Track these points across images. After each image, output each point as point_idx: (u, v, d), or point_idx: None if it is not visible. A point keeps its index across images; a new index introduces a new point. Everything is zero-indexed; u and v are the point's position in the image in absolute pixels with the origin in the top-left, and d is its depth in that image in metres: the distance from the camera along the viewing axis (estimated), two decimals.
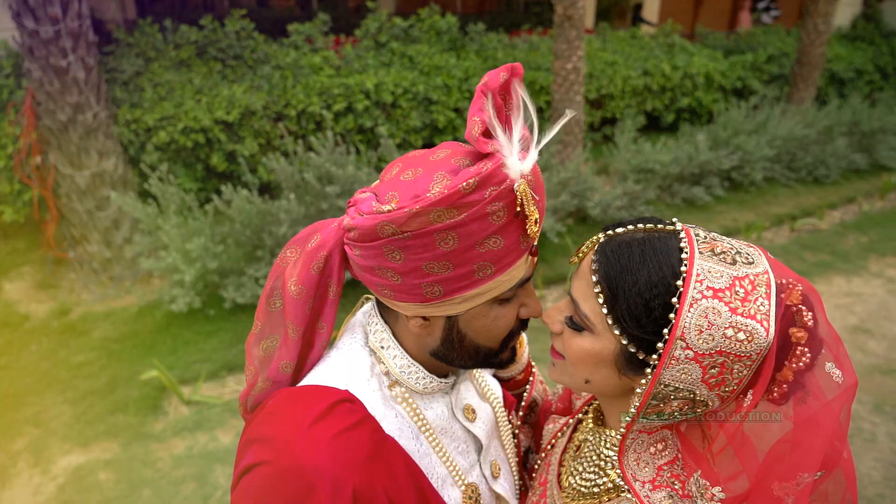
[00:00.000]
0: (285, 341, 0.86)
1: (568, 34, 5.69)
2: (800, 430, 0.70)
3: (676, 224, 0.77)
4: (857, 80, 9.17)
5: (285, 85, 5.47)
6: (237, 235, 3.93)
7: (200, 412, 3.35)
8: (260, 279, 3.93)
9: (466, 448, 0.95)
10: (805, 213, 6.07)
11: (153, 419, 3.31)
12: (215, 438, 3.17)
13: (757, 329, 0.67)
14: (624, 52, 7.84)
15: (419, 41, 6.82)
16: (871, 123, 7.06)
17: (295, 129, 5.40)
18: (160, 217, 3.79)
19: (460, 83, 6.28)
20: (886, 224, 5.97)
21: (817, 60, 7.60)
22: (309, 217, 4.08)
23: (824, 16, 7.39)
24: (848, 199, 6.47)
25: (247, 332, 3.90)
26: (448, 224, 0.70)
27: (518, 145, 0.72)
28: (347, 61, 6.06)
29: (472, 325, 0.81)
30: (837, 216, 6.16)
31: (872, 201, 6.52)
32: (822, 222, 5.95)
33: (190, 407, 3.40)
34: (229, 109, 5.00)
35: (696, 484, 0.75)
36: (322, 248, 0.80)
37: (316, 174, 3.99)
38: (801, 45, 7.65)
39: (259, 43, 5.83)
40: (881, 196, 6.54)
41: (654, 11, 13.73)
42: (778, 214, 5.99)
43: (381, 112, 5.79)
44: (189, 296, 3.78)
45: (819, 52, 7.56)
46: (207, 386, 3.55)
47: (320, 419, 0.76)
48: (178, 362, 3.68)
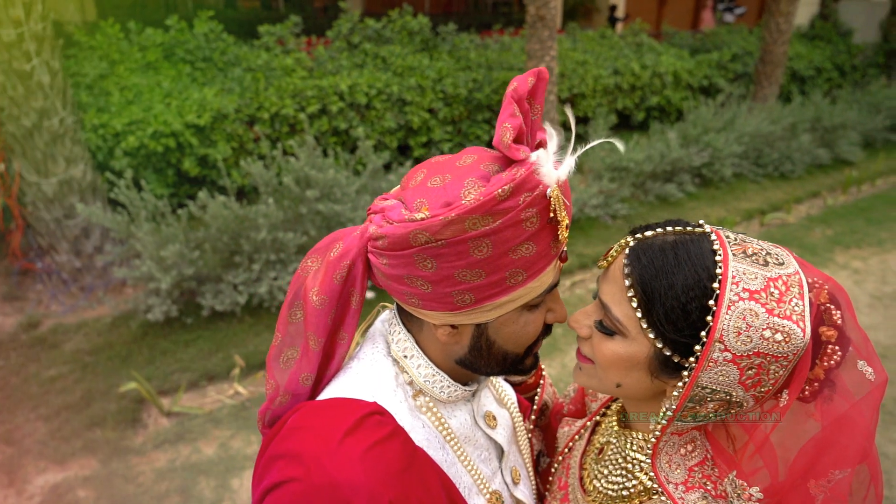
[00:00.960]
0: (305, 353, 0.84)
1: (540, 34, 5.73)
2: (835, 428, 0.70)
3: (705, 226, 0.77)
4: (817, 77, 9.46)
5: (257, 87, 5.38)
6: (214, 241, 3.84)
7: (181, 424, 3.27)
8: (238, 285, 3.85)
9: (489, 455, 0.94)
10: (773, 208, 6.23)
11: (132, 433, 3.21)
12: (198, 450, 3.09)
13: (794, 329, 0.68)
14: (594, 52, 7.94)
15: (392, 42, 6.79)
16: (832, 119, 7.29)
17: (269, 133, 5.31)
18: (132, 225, 3.68)
19: (434, 84, 6.28)
20: (849, 217, 6.16)
21: (780, 59, 7.81)
22: (288, 221, 4.02)
23: (786, 15, 7.60)
24: (813, 193, 6.66)
25: (226, 340, 3.83)
26: (483, 231, 0.69)
27: (554, 153, 0.72)
28: (320, 63, 6.00)
29: (502, 332, 0.80)
30: (804, 210, 6.34)
31: (836, 195, 6.73)
32: (790, 216, 6.12)
33: (170, 419, 3.31)
34: (200, 113, 4.89)
35: (731, 485, 0.75)
36: (345, 257, 0.78)
37: (295, 178, 3.93)
38: (764, 44, 7.85)
39: (229, 44, 5.72)
40: (843, 190, 6.75)
41: (620, 11, 13.94)
42: (747, 209, 6.13)
43: (356, 114, 5.74)
44: (165, 304, 3.69)
45: (781, 51, 7.77)
46: (188, 396, 3.47)
47: (351, 433, 0.74)
48: (156, 373, 3.59)
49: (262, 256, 3.86)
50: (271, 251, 3.90)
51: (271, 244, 3.89)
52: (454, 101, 6.38)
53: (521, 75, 0.75)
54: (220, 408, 3.38)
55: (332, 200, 4.04)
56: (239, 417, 3.31)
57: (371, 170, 4.40)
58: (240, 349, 3.76)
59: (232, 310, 3.91)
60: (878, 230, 5.84)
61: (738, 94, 7.99)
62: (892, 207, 6.43)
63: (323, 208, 3.93)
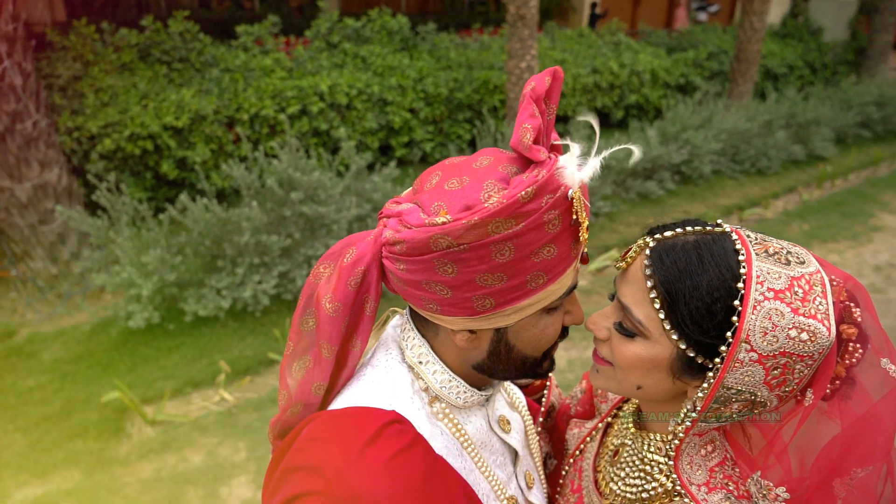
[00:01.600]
0: (318, 362, 0.82)
1: (521, 33, 5.75)
2: (860, 426, 0.70)
3: (724, 225, 0.77)
4: (790, 75, 9.64)
5: (236, 88, 5.30)
6: (195, 245, 3.77)
7: (166, 432, 3.20)
8: (222, 290, 3.79)
9: (504, 460, 0.93)
10: (751, 204, 6.33)
11: (116, 443, 3.14)
12: (185, 459, 3.03)
13: (819, 329, 0.67)
14: (573, 51, 7.98)
15: (371, 41, 6.74)
16: (805, 116, 7.43)
17: (248, 134, 5.24)
18: (112, 230, 3.60)
19: (414, 83, 6.25)
20: (825, 211, 6.29)
21: (754, 57, 7.94)
22: (271, 224, 3.96)
23: (759, 14, 7.72)
24: (789, 188, 6.79)
25: (210, 346, 3.77)
26: (506, 235, 0.67)
27: (577, 155, 0.71)
28: (299, 63, 5.93)
29: (521, 336, 0.79)
30: (781, 205, 6.45)
31: (811, 190, 6.86)
32: (768, 212, 6.22)
33: (155, 427, 3.24)
34: (178, 114, 4.80)
35: (756, 485, 0.75)
36: (359, 263, 0.76)
37: (278, 180, 3.87)
38: (738, 42, 7.96)
39: (206, 45, 5.63)
40: (818, 185, 6.88)
41: (599, 8, 14.05)
42: (726, 205, 6.22)
43: (337, 114, 5.69)
44: (147, 310, 3.61)
45: (755, 49, 7.89)
46: (172, 404, 3.40)
47: (371, 443, 0.72)
48: (139, 381, 3.51)
49: (245, 260, 3.80)
50: (255, 254, 3.84)
51: (255, 247, 3.83)
52: (435, 100, 6.36)
53: (537, 75, 0.73)
54: (205, 415, 3.32)
55: (316, 202, 3.99)
56: (225, 424, 3.25)
57: (355, 171, 4.36)
58: (224, 355, 3.69)
59: (215, 315, 3.85)
60: (853, 224, 5.97)
61: (714, 92, 8.10)
62: (865, 201, 6.57)
63: (307, 210, 3.89)
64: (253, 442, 3.12)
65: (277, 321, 3.96)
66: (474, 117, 6.72)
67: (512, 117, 6.08)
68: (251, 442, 3.12)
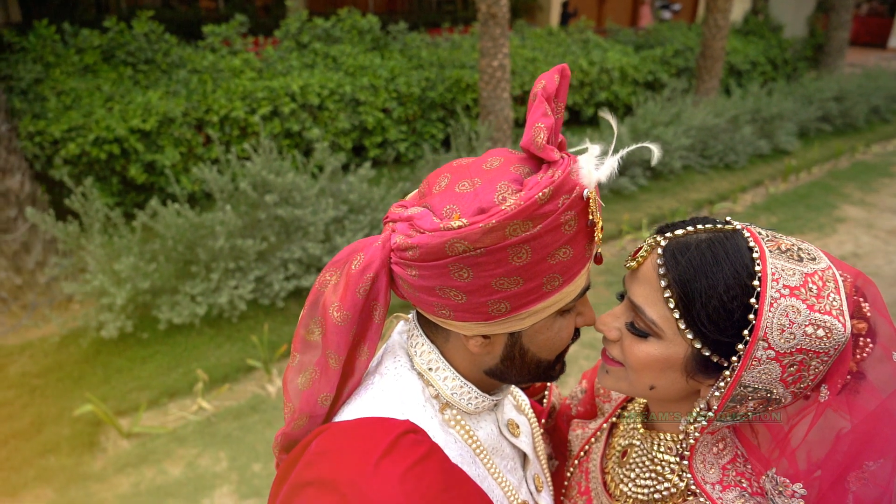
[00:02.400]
0: (325, 372, 0.79)
1: (493, 32, 5.75)
2: (874, 421, 0.71)
3: (733, 222, 0.77)
4: (753, 71, 9.87)
5: (205, 89, 5.19)
6: (168, 251, 3.68)
7: (143, 445, 3.12)
8: (196, 296, 3.70)
9: (514, 465, 0.92)
10: (721, 198, 6.45)
11: (90, 458, 3.04)
12: (164, 471, 2.95)
13: (835, 325, 0.68)
14: (543, 49, 8.04)
15: (341, 41, 6.67)
16: (769, 111, 7.61)
17: (219, 136, 5.13)
18: (83, 236, 3.48)
19: (387, 83, 6.21)
20: (790, 204, 6.45)
21: (719, 54, 8.10)
22: (246, 228, 3.89)
23: (723, 11, 7.88)
24: (756, 182, 6.94)
25: (186, 354, 3.68)
26: (523, 237, 0.66)
27: (594, 154, 0.70)
28: (269, 63, 5.84)
29: (536, 339, 0.78)
30: (749, 199, 6.59)
31: (777, 184, 7.03)
32: (737, 205, 6.35)
33: (131, 440, 3.15)
34: (145, 117, 4.67)
35: (771, 481, 0.75)
36: (368, 270, 0.74)
37: (251, 182, 3.80)
38: (703, 39, 8.12)
39: (172, 45, 5.50)
40: (784, 178, 7.06)
41: (558, 9, 14.17)
42: (697, 200, 6.33)
43: (309, 115, 5.62)
44: (120, 320, 3.50)
45: (720, 46, 8.05)
46: (149, 415, 3.31)
47: (386, 454, 0.70)
48: (113, 393, 3.41)
49: (220, 265, 3.72)
50: (230, 259, 3.77)
51: (230, 252, 3.75)
52: (408, 100, 6.33)
53: (546, 73, 0.72)
54: (184, 425, 3.24)
55: (291, 205, 3.93)
56: (205, 434, 3.18)
57: (329, 172, 4.30)
58: (201, 363, 3.61)
59: (191, 322, 3.76)
60: (818, 216, 6.14)
61: (681, 89, 8.24)
62: (828, 193, 6.76)
63: (282, 213, 3.82)
64: (234, 451, 3.06)
65: (255, 327, 3.89)
66: (447, 116, 6.71)
67: (485, 116, 6.08)
68: (232, 451, 3.06)
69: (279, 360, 3.72)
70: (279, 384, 3.54)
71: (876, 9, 18.01)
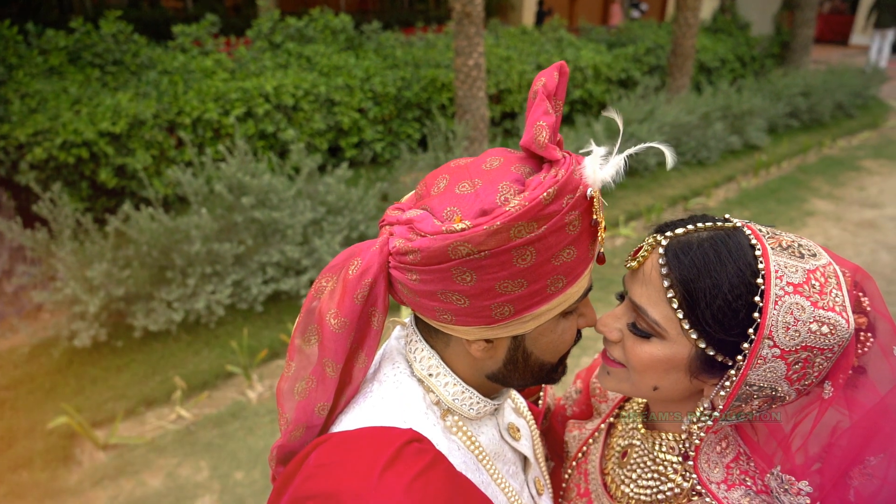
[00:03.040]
0: (322, 381, 0.77)
1: (467, 31, 5.74)
2: (872, 418, 0.71)
3: (734, 220, 0.77)
4: (722, 68, 10.03)
5: (176, 91, 5.08)
6: (142, 257, 3.59)
7: (121, 456, 3.04)
8: (173, 302, 3.62)
9: (516, 469, 0.91)
10: (694, 194, 6.54)
11: (65, 471, 2.95)
12: (143, 483, 2.88)
13: (838, 321, 0.68)
14: (517, 48, 8.05)
15: (315, 41, 6.60)
16: (740, 107, 7.74)
17: (191, 138, 5.03)
18: (53, 243, 3.38)
19: (362, 83, 6.16)
20: (762, 199, 6.57)
21: (689, 51, 8.21)
22: (222, 231, 3.82)
23: (693, 10, 7.99)
24: (728, 177, 7.05)
25: (163, 361, 3.60)
26: (528, 239, 0.65)
27: (599, 153, 0.69)
28: (242, 64, 5.74)
29: (539, 342, 0.76)
30: (722, 194, 6.70)
31: (748, 178, 7.15)
32: (710, 201, 6.45)
33: (108, 452, 3.07)
34: (115, 120, 4.56)
35: (776, 479, 0.75)
36: (366, 275, 0.72)
37: (227, 185, 3.73)
38: (674, 37, 8.22)
39: (141, 46, 5.37)
40: (755, 173, 7.18)
41: (531, 8, 14.24)
42: (672, 196, 6.40)
43: (283, 116, 5.54)
44: (93, 328, 3.41)
45: (690, 44, 8.17)
46: (125, 425, 3.22)
47: (390, 465, 0.68)
48: (87, 403, 3.31)
49: (196, 270, 3.64)
50: (206, 264, 3.69)
51: (206, 256, 3.68)
52: (384, 100, 6.28)
53: (545, 70, 0.71)
54: (162, 435, 3.17)
55: (268, 207, 3.87)
56: (184, 443, 3.11)
57: (306, 173, 4.25)
58: (179, 370, 3.53)
59: (167, 329, 3.67)
60: (788, 209, 6.26)
61: (654, 87, 8.34)
62: (798, 187, 6.91)
63: (259, 216, 3.76)
64: (215, 460, 3.00)
65: (233, 332, 3.82)
66: (423, 116, 6.68)
67: (461, 115, 6.07)
68: (213, 460, 3.00)
69: (259, 366, 3.66)
70: (260, 390, 3.48)
71: (838, 7, 18.47)
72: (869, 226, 5.89)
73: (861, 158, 8.01)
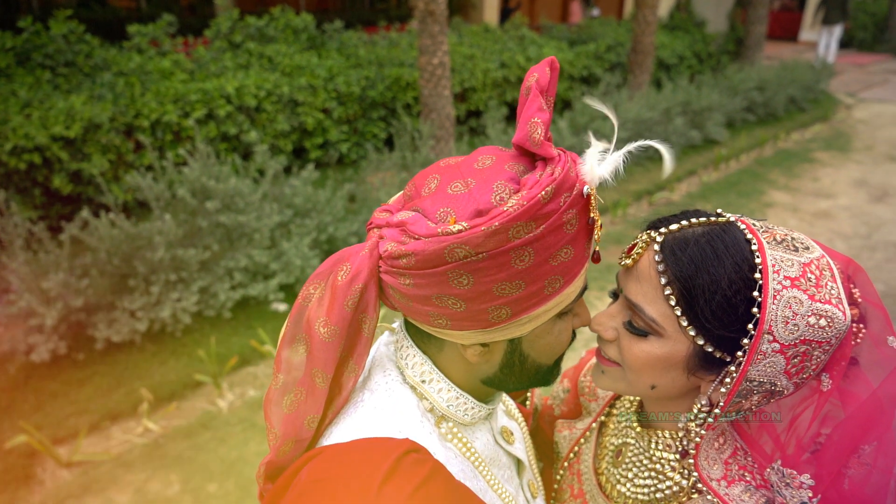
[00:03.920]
0: (311, 393, 0.74)
1: (431, 29, 5.71)
2: (865, 409, 0.71)
3: (726, 214, 0.76)
4: (680, 65, 10.24)
5: (133, 93, 4.92)
6: (102, 265, 3.46)
7: (86, 473, 2.92)
8: (136, 312, 3.50)
9: (510, 474, 0.89)
10: (658, 188, 6.66)
11: (27, 492, 2.82)
12: (110, 500, 2.77)
13: (836, 313, 0.68)
14: (480, 46, 8.06)
15: (276, 40, 6.48)
16: (699, 103, 7.92)
17: (151, 142, 4.88)
18: (4, 254, 3.22)
19: (325, 83, 6.07)
20: (723, 191, 6.73)
21: (649, 48, 8.35)
22: (187, 237, 3.71)
23: (651, 7, 8.13)
24: (690, 171, 7.20)
25: (128, 373, 3.48)
26: (526, 239, 0.63)
27: (597, 150, 0.67)
28: (201, 64, 5.60)
29: (536, 344, 0.75)
30: (684, 188, 6.84)
31: (709, 172, 7.32)
32: (674, 195, 6.58)
33: (71, 470, 2.94)
34: (69, 123, 4.38)
35: (777, 473, 0.75)
36: (356, 280, 0.69)
37: (190, 189, 3.62)
38: (634, 34, 8.35)
39: (94, 47, 5.18)
40: (715, 167, 7.36)
41: (493, 6, 14.29)
42: (637, 191, 6.50)
43: (246, 117, 5.42)
44: (52, 341, 3.27)
45: (649, 41, 8.31)
46: (89, 441, 3.10)
47: (389, 478, 0.65)
48: (48, 420, 3.17)
49: (160, 277, 3.53)
50: (170, 270, 3.58)
51: (170, 263, 3.56)
52: (348, 99, 6.21)
53: (537, 65, 0.69)
54: (129, 449, 3.06)
55: (234, 211, 3.77)
56: (153, 457, 3.01)
57: (272, 175, 4.16)
58: (145, 381, 3.42)
59: (131, 339, 3.55)
60: (748, 202, 6.43)
61: (615, 83, 8.45)
62: (756, 180, 7.10)
63: (225, 220, 3.67)
64: (186, 473, 2.91)
65: (201, 340, 3.72)
66: (389, 115, 6.63)
67: (426, 114, 6.04)
68: (184, 473, 2.91)
69: (229, 374, 3.57)
70: (230, 399, 3.39)
71: (787, 4, 19.09)
72: (824, 216, 6.09)
73: (814, 150, 8.28)
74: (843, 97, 11.17)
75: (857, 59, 15.49)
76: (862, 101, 11.13)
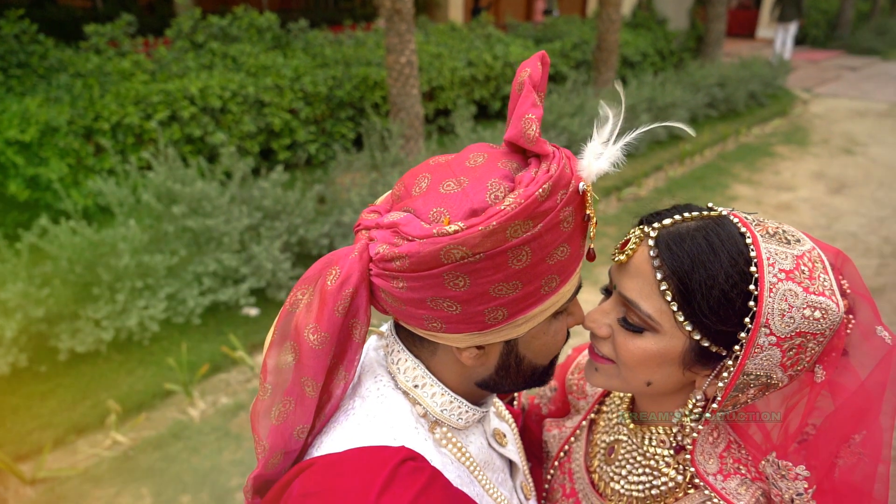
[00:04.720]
0: (301, 402, 0.71)
1: (398, 28, 5.67)
2: (856, 401, 0.72)
3: (719, 209, 0.76)
4: (644, 62, 10.40)
5: (91, 95, 4.76)
6: (64, 274, 3.33)
7: (52, 490, 2.81)
8: (101, 321, 3.38)
9: (504, 476, 0.87)
10: (626, 184, 6.74)
11: None
12: None
13: (829, 305, 0.68)
14: (447, 45, 8.05)
15: (239, 40, 6.35)
16: (664, 99, 8.04)
17: (112, 145, 4.73)
18: None
19: (292, 83, 5.98)
20: (688, 186, 6.86)
21: (613, 46, 8.45)
22: (153, 242, 3.60)
23: (615, 6, 8.23)
24: (656, 167, 7.31)
25: (94, 384, 3.37)
26: (524, 238, 0.61)
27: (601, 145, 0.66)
28: (163, 65, 5.45)
29: (532, 345, 0.73)
30: (651, 183, 6.94)
31: (675, 168, 7.44)
32: (641, 190, 6.67)
33: (36, 487, 2.83)
34: (24, 127, 4.22)
35: (773, 466, 0.75)
36: (346, 285, 0.66)
37: (155, 194, 3.52)
38: (598, 32, 8.45)
39: (49, 48, 5.00)
40: (680, 162, 7.49)
41: (458, 5, 14.29)
42: (605, 187, 6.57)
43: (210, 119, 5.30)
44: (11, 354, 3.14)
45: (614, 39, 8.41)
46: (54, 457, 2.99)
47: (387, 488, 0.63)
48: (9, 436, 3.04)
49: (125, 284, 3.42)
50: (136, 277, 3.47)
51: (136, 269, 3.46)
52: (315, 99, 6.13)
53: (528, 60, 0.68)
54: (97, 463, 2.95)
55: (201, 215, 3.68)
56: (122, 470, 2.91)
57: (239, 178, 4.08)
58: (112, 392, 3.31)
59: (96, 349, 3.43)
60: (713, 195, 6.56)
61: (581, 81, 8.53)
62: (720, 174, 7.25)
63: (193, 224, 3.57)
64: (157, 485, 2.82)
65: (170, 348, 3.62)
66: (357, 115, 6.57)
67: (395, 113, 6.00)
68: (155, 486, 2.82)
69: (200, 382, 3.48)
70: (202, 407, 3.31)
71: (744, 3, 19.57)
72: (786, 208, 6.25)
73: (774, 145, 8.49)
74: (800, 93, 11.49)
75: (811, 55, 15.97)
76: (817, 96, 11.46)
